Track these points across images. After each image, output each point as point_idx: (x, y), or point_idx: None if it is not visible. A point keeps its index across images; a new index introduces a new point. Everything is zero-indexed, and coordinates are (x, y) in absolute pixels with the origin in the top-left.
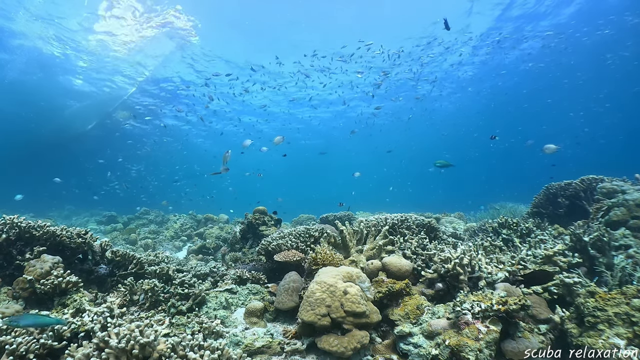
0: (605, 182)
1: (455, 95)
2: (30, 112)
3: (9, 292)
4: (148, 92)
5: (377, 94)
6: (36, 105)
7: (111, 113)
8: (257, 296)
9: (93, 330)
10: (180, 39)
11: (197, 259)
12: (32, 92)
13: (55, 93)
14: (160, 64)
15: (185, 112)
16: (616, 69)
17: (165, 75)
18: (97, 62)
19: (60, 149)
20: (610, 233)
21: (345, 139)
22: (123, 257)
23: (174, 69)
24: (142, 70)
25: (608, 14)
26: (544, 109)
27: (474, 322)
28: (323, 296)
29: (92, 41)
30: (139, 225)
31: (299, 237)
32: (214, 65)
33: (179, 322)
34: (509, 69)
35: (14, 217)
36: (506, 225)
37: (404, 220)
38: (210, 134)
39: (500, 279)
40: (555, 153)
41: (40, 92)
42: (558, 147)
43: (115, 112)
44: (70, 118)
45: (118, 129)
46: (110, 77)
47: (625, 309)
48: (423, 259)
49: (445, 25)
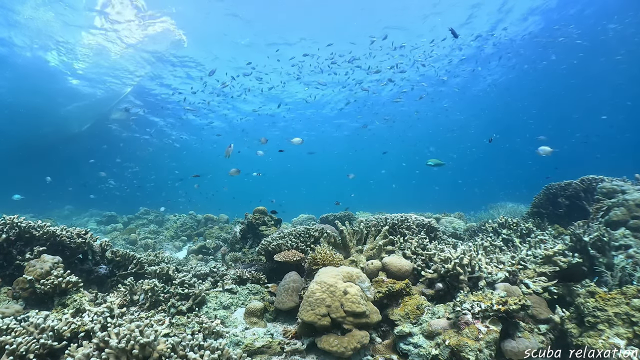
0: (605, 182)
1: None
2: (28, 112)
3: (9, 292)
4: (143, 93)
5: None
6: (33, 105)
7: (107, 114)
8: (257, 296)
9: (93, 330)
10: (172, 41)
11: (197, 259)
12: (29, 91)
13: (52, 93)
14: (153, 66)
15: (185, 113)
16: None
17: (161, 77)
18: (94, 64)
19: (58, 149)
20: (610, 233)
21: (345, 139)
22: (123, 257)
23: (169, 71)
24: (137, 72)
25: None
26: (544, 108)
27: (474, 322)
28: (323, 296)
29: (89, 42)
30: (139, 225)
31: (299, 237)
32: (206, 65)
33: (179, 322)
34: (518, 67)
35: (14, 217)
36: (506, 225)
37: (404, 220)
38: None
39: (500, 279)
40: (555, 154)
41: (37, 92)
42: (553, 149)
43: (111, 112)
44: (66, 118)
45: (116, 128)
46: (106, 78)
47: (625, 309)
48: (423, 259)
49: (453, 34)
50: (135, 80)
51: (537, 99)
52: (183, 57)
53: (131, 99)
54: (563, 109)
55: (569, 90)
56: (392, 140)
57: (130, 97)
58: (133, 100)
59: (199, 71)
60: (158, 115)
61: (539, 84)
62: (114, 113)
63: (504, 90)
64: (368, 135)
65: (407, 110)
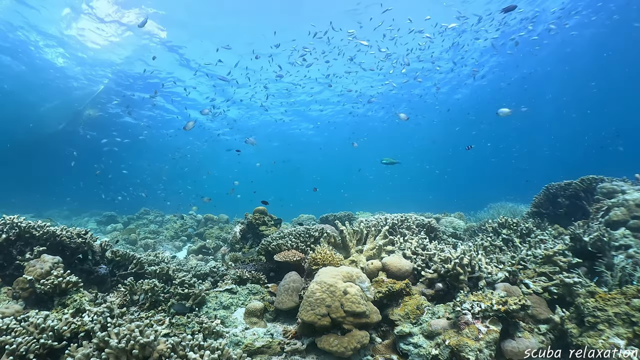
0: (605, 182)
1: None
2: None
3: (9, 292)
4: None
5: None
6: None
7: (82, 111)
8: (257, 296)
9: (93, 330)
10: (149, 34)
11: (197, 259)
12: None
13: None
14: (132, 59)
15: (179, 112)
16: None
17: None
18: (74, 57)
19: (39, 147)
20: (610, 233)
21: (347, 139)
22: (123, 257)
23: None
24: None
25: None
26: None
27: (474, 322)
28: (323, 296)
29: (68, 36)
30: (138, 225)
31: (299, 237)
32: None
33: (179, 322)
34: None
35: (14, 217)
36: (506, 225)
37: (404, 220)
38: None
39: (500, 279)
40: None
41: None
42: (511, 110)
43: (86, 109)
44: (46, 116)
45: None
46: (85, 73)
47: (625, 309)
48: (423, 259)
49: (508, 9)
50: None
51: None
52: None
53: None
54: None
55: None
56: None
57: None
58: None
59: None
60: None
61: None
62: (87, 110)
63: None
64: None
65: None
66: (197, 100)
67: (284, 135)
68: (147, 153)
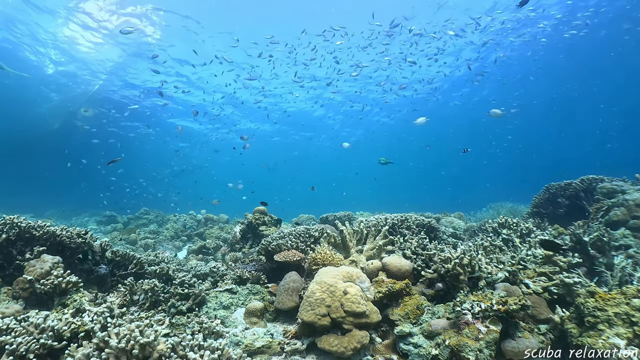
0: (605, 182)
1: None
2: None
3: (9, 292)
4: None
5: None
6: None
7: (75, 111)
8: (257, 296)
9: (93, 330)
10: (144, 35)
11: (197, 259)
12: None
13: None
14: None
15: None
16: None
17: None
18: (70, 58)
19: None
20: (610, 233)
21: (347, 138)
22: (123, 257)
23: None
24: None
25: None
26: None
27: (474, 322)
28: (323, 296)
29: (62, 37)
30: (138, 225)
31: (299, 237)
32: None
33: (179, 322)
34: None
35: (14, 217)
36: (506, 225)
37: (404, 220)
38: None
39: (500, 279)
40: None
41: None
42: (503, 111)
43: (80, 108)
44: (43, 116)
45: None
46: (81, 73)
47: (625, 309)
48: (423, 259)
49: (523, 2)
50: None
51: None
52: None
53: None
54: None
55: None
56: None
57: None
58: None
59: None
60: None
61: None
62: (82, 109)
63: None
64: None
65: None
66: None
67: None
68: (148, 154)
